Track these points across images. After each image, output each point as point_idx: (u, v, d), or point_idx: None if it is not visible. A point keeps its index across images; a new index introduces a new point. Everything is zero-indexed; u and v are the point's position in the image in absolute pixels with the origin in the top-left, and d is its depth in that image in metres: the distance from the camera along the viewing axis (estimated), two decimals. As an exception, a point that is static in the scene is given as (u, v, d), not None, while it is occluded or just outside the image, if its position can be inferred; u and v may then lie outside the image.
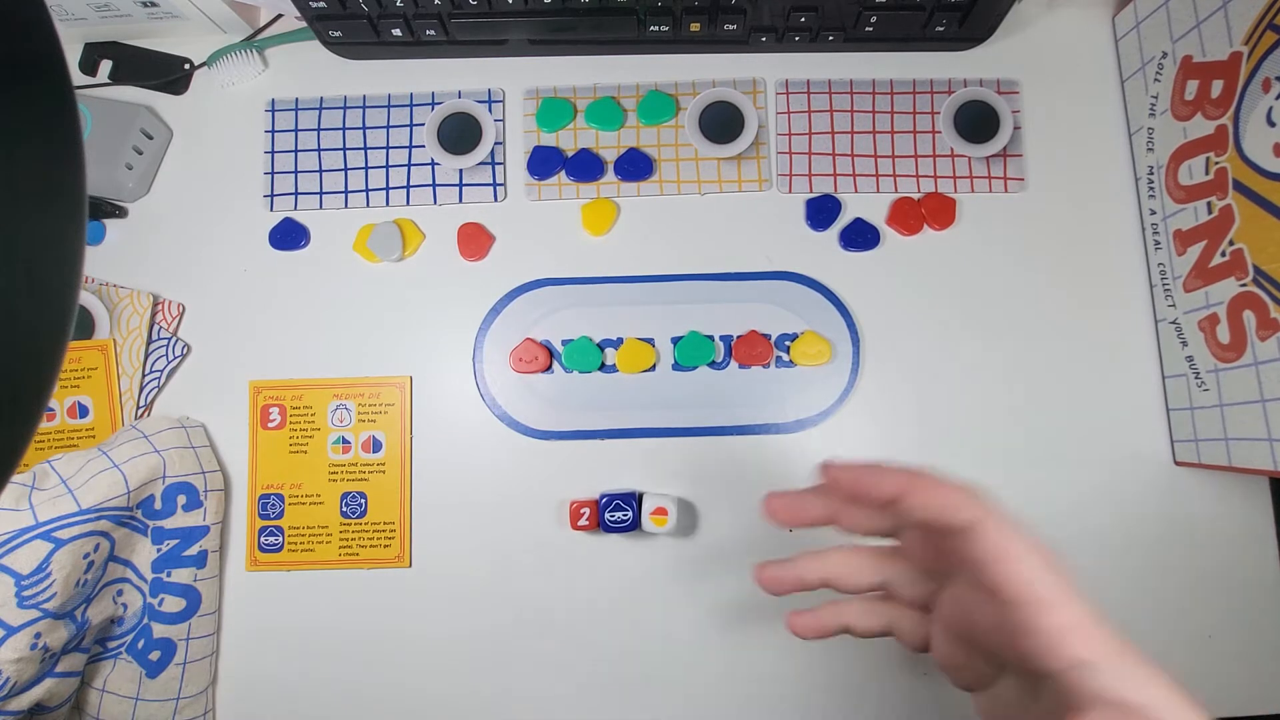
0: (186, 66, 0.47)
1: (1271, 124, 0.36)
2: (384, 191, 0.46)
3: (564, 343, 0.45)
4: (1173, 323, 0.43)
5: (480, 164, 0.45)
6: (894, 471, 0.27)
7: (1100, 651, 0.23)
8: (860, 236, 0.45)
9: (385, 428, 0.44)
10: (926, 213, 0.45)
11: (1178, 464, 0.44)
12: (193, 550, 0.42)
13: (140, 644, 0.41)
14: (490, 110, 0.46)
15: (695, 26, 0.44)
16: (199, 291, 0.46)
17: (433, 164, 0.46)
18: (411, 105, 0.47)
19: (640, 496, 0.43)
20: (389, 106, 0.47)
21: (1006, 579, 0.25)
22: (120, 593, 0.41)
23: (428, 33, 0.45)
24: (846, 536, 0.30)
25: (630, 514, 0.41)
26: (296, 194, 0.46)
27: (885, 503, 0.27)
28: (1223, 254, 0.39)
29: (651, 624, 0.43)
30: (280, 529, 0.44)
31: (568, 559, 0.44)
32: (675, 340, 0.45)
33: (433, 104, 0.47)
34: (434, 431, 0.45)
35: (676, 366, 0.44)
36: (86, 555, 0.38)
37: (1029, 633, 0.24)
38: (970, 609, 0.27)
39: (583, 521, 0.42)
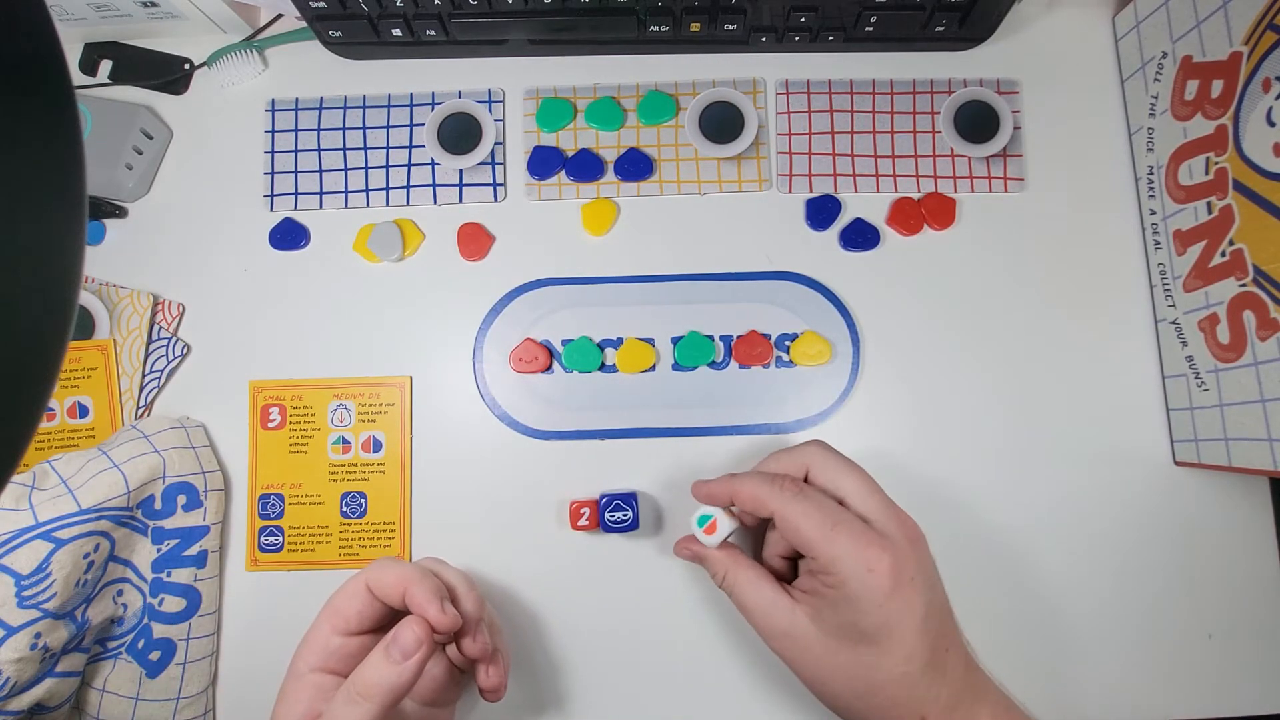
0: (186, 66, 0.47)
1: (1271, 124, 0.36)
2: (384, 191, 0.46)
3: (564, 343, 0.45)
4: (1173, 323, 0.43)
5: (480, 164, 0.45)
6: (720, 483, 0.37)
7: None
8: (860, 236, 0.45)
9: (385, 428, 0.44)
10: (926, 213, 0.45)
11: (1178, 464, 0.44)
12: (193, 550, 0.42)
13: (140, 644, 0.41)
14: (490, 110, 0.46)
15: (695, 26, 0.44)
16: (199, 291, 0.46)
17: (433, 164, 0.46)
18: (411, 105, 0.47)
19: (636, 496, 0.43)
20: (389, 106, 0.47)
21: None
22: (120, 593, 0.41)
23: (428, 33, 0.45)
24: None
25: (630, 514, 0.41)
26: (296, 194, 0.46)
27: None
28: (1223, 254, 0.39)
29: (651, 623, 0.43)
30: (280, 529, 0.44)
31: (568, 559, 0.43)
32: (675, 340, 0.45)
33: (433, 104, 0.47)
34: (434, 431, 0.45)
35: (676, 366, 0.44)
36: (86, 555, 0.38)
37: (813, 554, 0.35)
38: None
39: (583, 521, 0.42)
